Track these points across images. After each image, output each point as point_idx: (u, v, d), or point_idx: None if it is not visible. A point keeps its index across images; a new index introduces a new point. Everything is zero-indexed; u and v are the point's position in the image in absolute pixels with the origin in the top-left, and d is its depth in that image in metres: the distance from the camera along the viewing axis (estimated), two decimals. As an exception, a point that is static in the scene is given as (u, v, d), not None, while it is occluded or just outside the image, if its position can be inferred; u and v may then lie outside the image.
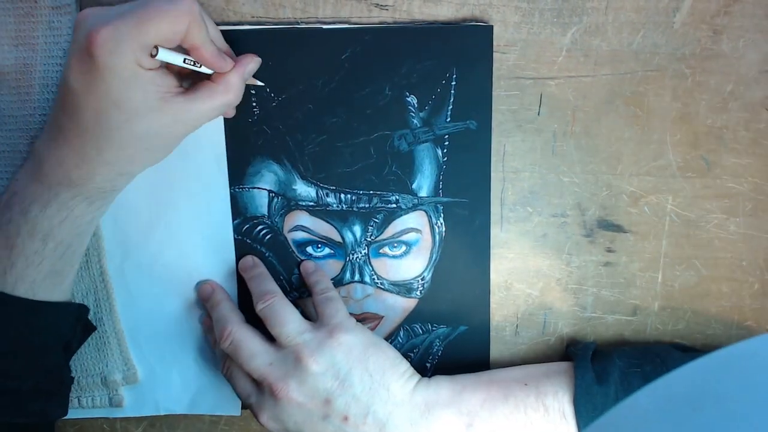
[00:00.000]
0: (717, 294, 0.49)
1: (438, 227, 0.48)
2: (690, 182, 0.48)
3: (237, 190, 0.48)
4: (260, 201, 0.48)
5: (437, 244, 0.49)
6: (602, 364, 0.44)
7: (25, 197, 0.40)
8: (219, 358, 0.47)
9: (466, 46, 0.45)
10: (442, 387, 0.44)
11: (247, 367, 0.43)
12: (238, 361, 0.44)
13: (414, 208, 0.48)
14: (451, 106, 0.46)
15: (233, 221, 0.48)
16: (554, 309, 0.50)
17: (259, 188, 0.48)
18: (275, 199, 0.48)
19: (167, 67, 0.40)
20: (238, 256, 0.48)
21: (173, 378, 0.50)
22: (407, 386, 0.44)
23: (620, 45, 0.46)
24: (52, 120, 0.40)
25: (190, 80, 0.42)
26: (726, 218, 0.48)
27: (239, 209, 0.48)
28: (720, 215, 0.48)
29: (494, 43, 0.46)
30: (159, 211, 0.47)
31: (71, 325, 0.44)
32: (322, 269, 0.48)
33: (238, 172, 0.47)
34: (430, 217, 0.48)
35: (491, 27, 0.45)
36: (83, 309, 0.45)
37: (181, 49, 0.39)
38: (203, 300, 0.48)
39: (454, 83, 0.46)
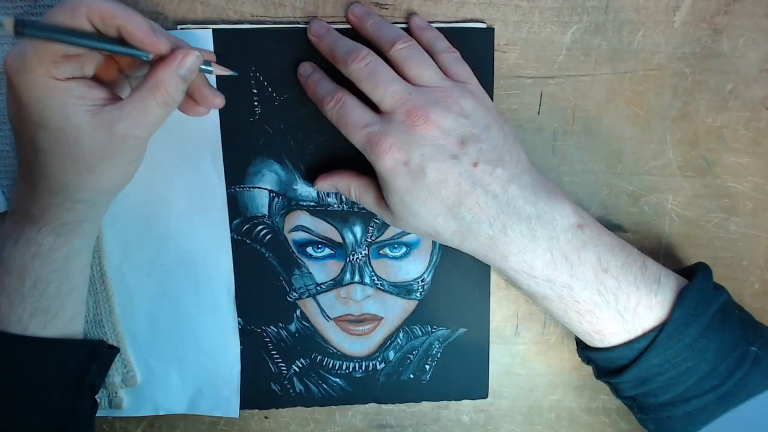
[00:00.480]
0: (717, 293, 0.49)
1: None
2: (690, 181, 0.48)
3: (237, 189, 0.47)
4: (261, 201, 0.48)
5: (437, 246, 0.48)
6: (717, 284, 0.43)
7: (2, 237, 0.40)
8: (323, 94, 0.42)
9: (468, 48, 0.45)
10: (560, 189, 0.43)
11: (384, 91, 0.40)
12: (373, 84, 0.40)
13: None
14: None
15: (233, 221, 0.48)
16: (554, 309, 0.50)
17: (259, 188, 0.47)
18: (276, 199, 0.48)
19: (96, 78, 0.38)
20: (235, 258, 0.48)
21: (172, 378, 0.50)
22: (530, 163, 0.42)
23: (620, 44, 0.46)
24: (17, 166, 0.41)
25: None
26: (726, 217, 0.48)
27: (240, 209, 0.48)
28: (720, 214, 0.48)
29: (494, 43, 0.46)
30: (157, 211, 0.47)
31: (82, 361, 0.42)
32: (433, 27, 0.45)
33: (239, 172, 0.47)
34: None
35: (492, 29, 0.45)
36: (98, 347, 0.44)
37: (114, 41, 0.37)
38: (316, 38, 0.44)
39: None
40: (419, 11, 0.45)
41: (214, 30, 0.45)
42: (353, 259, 0.48)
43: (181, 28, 0.45)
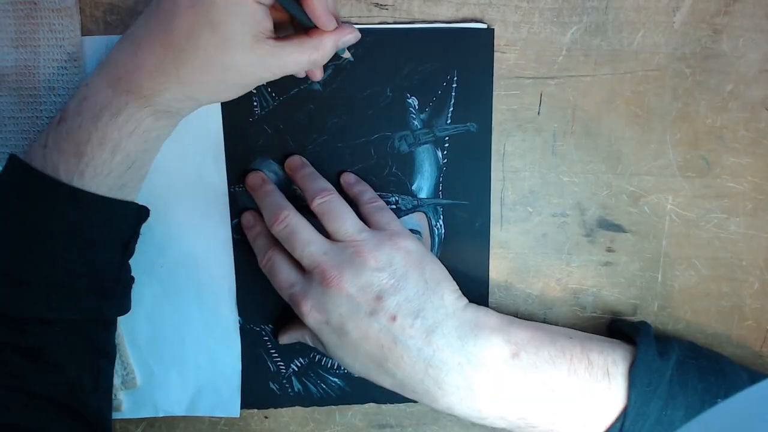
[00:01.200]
0: (717, 294, 0.49)
1: (437, 229, 0.48)
2: (690, 182, 0.48)
3: (237, 189, 0.48)
4: None
5: (436, 246, 0.49)
6: (662, 344, 0.44)
7: (95, 103, 0.39)
8: (258, 250, 0.46)
9: (468, 49, 0.45)
10: (491, 314, 0.44)
11: (300, 253, 0.42)
12: (291, 245, 0.43)
13: (414, 209, 0.48)
14: (451, 109, 0.46)
15: (233, 221, 0.48)
16: (554, 309, 0.50)
17: None
18: None
19: (271, 9, 0.39)
20: (237, 256, 0.48)
21: (172, 380, 0.50)
22: (458, 303, 0.43)
23: (620, 44, 0.46)
24: (139, 26, 0.39)
25: (285, 33, 0.42)
26: (726, 218, 0.48)
27: (239, 209, 0.48)
28: (720, 215, 0.48)
29: (494, 43, 0.46)
30: (158, 212, 0.47)
31: (131, 224, 0.43)
32: (363, 181, 0.47)
33: (239, 172, 0.47)
34: (429, 219, 0.48)
35: (492, 30, 0.45)
36: (144, 210, 0.44)
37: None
38: (252, 189, 0.47)
39: (455, 85, 0.46)
40: (419, 11, 0.45)
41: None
42: None
43: None
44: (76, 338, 0.40)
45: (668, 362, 0.42)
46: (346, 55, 0.44)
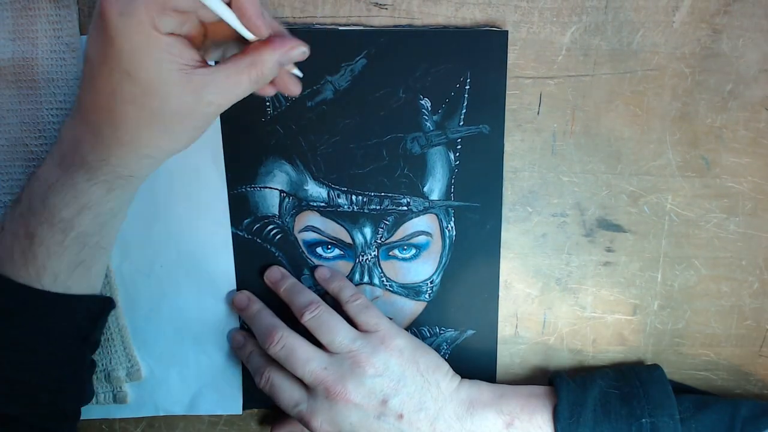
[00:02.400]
0: (716, 293, 0.49)
1: (448, 231, 0.48)
2: (689, 181, 0.48)
3: (248, 189, 0.48)
4: (271, 201, 0.48)
5: (447, 248, 0.48)
6: (583, 381, 0.46)
7: (45, 181, 0.38)
8: (254, 370, 0.47)
9: (481, 51, 0.45)
10: (483, 388, 0.46)
11: (302, 372, 0.44)
12: (291, 365, 0.44)
13: (425, 211, 0.48)
14: (464, 110, 0.46)
15: (244, 220, 0.48)
16: (554, 309, 0.50)
17: (270, 188, 0.47)
18: (286, 199, 0.48)
19: (189, 37, 0.36)
20: (245, 256, 0.48)
21: (172, 379, 0.50)
22: (452, 384, 0.46)
23: (620, 44, 0.46)
24: (76, 99, 0.38)
25: (218, 55, 0.40)
26: (725, 217, 0.48)
27: (250, 208, 0.48)
28: (719, 214, 0.48)
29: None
30: (157, 212, 0.47)
31: (91, 318, 0.42)
32: (338, 272, 0.49)
33: (251, 172, 0.47)
34: (440, 221, 0.48)
35: (506, 32, 0.45)
36: (107, 303, 0.43)
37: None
38: (239, 310, 0.48)
39: (467, 87, 0.46)
40: (418, 11, 0.45)
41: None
42: (363, 260, 0.48)
43: None
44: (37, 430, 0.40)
45: (588, 396, 0.44)
46: (295, 71, 0.41)
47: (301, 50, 0.38)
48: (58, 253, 0.38)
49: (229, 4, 0.35)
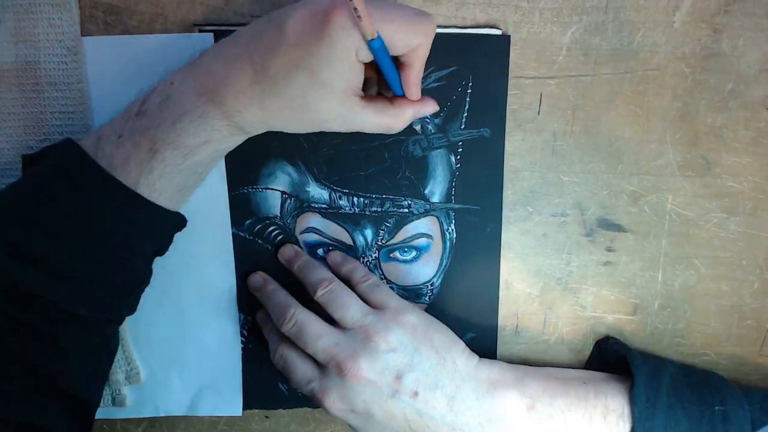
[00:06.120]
0: (717, 293, 0.49)
1: (449, 233, 0.48)
2: (690, 181, 0.48)
3: (250, 190, 0.48)
4: (273, 202, 0.48)
5: (448, 251, 0.49)
6: (655, 365, 0.45)
7: (179, 105, 0.39)
8: (271, 347, 0.46)
9: (483, 55, 0.45)
10: (504, 368, 0.46)
11: (313, 348, 0.43)
12: (303, 342, 0.44)
13: (426, 213, 0.48)
14: (465, 114, 0.46)
15: (245, 221, 0.48)
16: (554, 308, 0.50)
17: (272, 189, 0.48)
18: (288, 201, 0.48)
19: (366, 70, 0.40)
20: (246, 256, 0.48)
21: (173, 380, 0.50)
22: (470, 363, 0.45)
23: (620, 44, 0.46)
24: (238, 42, 0.39)
25: (370, 91, 0.43)
26: (726, 217, 0.48)
27: (252, 209, 0.48)
28: (720, 214, 0.48)
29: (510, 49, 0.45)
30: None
31: (170, 233, 0.43)
32: (349, 256, 0.48)
33: (253, 173, 0.47)
34: (441, 223, 0.48)
35: (508, 36, 0.45)
36: (182, 220, 0.44)
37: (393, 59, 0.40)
38: (255, 290, 0.48)
39: (469, 91, 0.46)
40: (419, 11, 0.45)
41: (215, 31, 0.45)
42: (363, 261, 0.49)
43: (200, 30, 0.45)
44: (91, 333, 0.41)
45: (661, 377, 0.44)
46: (417, 127, 0.46)
47: (434, 107, 0.43)
48: (172, 174, 0.40)
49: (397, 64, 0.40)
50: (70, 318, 0.39)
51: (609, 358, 0.49)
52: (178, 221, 0.43)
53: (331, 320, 0.45)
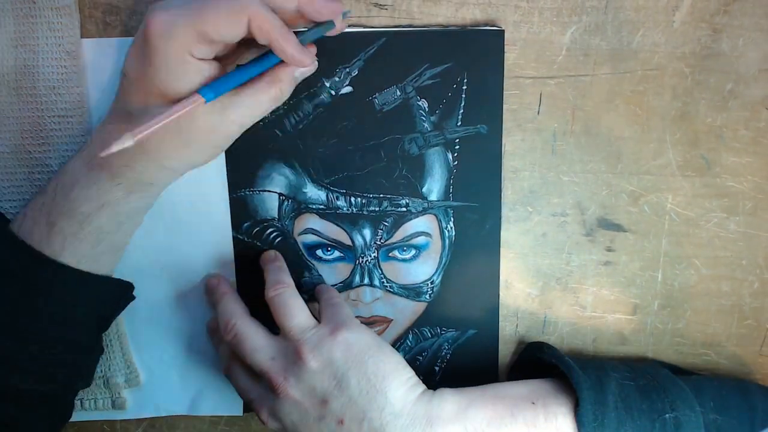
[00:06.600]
0: (717, 293, 0.49)
1: (448, 231, 0.48)
2: (690, 181, 0.48)
3: (247, 193, 0.48)
4: (270, 204, 0.48)
5: (447, 248, 0.49)
6: (598, 377, 0.43)
7: (71, 177, 0.41)
8: (221, 357, 0.47)
9: (478, 51, 0.45)
10: (446, 401, 0.41)
11: (250, 360, 0.43)
12: (241, 354, 0.43)
13: (424, 211, 0.48)
14: (461, 111, 0.46)
15: (243, 224, 0.48)
16: (554, 308, 0.50)
17: (269, 191, 0.48)
18: (285, 202, 0.48)
19: (220, 60, 0.39)
20: (245, 259, 0.48)
21: (173, 380, 0.50)
22: (409, 396, 0.41)
23: (620, 44, 0.46)
24: (110, 107, 0.41)
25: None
26: (726, 217, 0.48)
27: (249, 212, 0.48)
28: (720, 214, 0.48)
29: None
30: (158, 215, 0.47)
31: (108, 300, 0.44)
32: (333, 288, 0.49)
33: (249, 175, 0.47)
34: (440, 221, 0.48)
35: (503, 31, 0.45)
36: (127, 288, 0.44)
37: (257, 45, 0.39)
38: (208, 293, 0.48)
39: (465, 87, 0.46)
40: (418, 11, 0.45)
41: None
42: (362, 261, 0.49)
43: None
44: (49, 404, 0.42)
45: (608, 392, 0.41)
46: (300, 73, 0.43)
47: (314, 66, 0.41)
48: (73, 244, 0.40)
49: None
50: (18, 393, 0.40)
51: (546, 364, 0.46)
52: (118, 288, 0.44)
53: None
